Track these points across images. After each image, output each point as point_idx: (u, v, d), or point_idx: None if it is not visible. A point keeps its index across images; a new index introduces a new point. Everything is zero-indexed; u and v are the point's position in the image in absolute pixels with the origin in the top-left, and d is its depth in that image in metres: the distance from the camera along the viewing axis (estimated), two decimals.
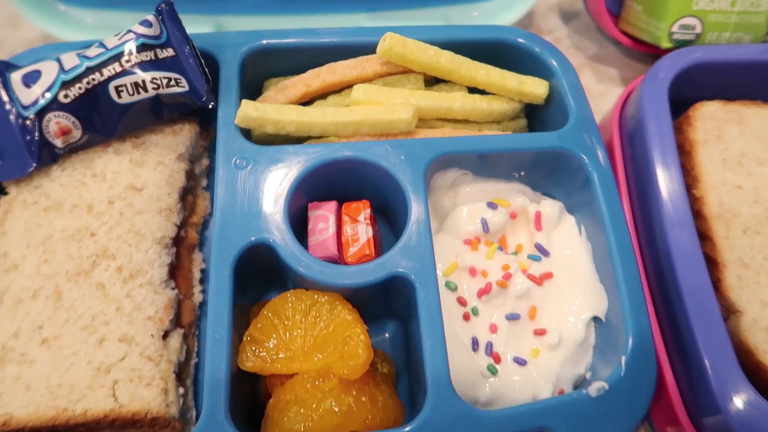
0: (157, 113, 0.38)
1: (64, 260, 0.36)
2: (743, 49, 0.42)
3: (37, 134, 0.36)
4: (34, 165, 0.37)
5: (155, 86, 0.37)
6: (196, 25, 0.49)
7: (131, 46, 0.37)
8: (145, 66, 0.37)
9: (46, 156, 0.37)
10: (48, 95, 0.36)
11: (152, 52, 0.38)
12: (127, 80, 0.37)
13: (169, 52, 0.38)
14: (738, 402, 0.32)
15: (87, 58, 0.37)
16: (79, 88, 0.36)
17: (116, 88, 0.37)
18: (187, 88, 0.38)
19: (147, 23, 0.38)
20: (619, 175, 0.42)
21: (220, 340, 0.32)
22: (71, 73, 0.36)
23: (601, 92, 0.53)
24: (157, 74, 0.37)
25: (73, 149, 0.38)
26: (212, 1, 0.50)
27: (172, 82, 0.37)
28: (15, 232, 0.36)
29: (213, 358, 0.32)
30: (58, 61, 0.37)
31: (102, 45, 0.37)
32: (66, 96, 0.36)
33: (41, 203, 0.37)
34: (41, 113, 0.36)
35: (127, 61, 0.37)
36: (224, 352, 0.32)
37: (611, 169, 0.39)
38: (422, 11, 0.52)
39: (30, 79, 0.36)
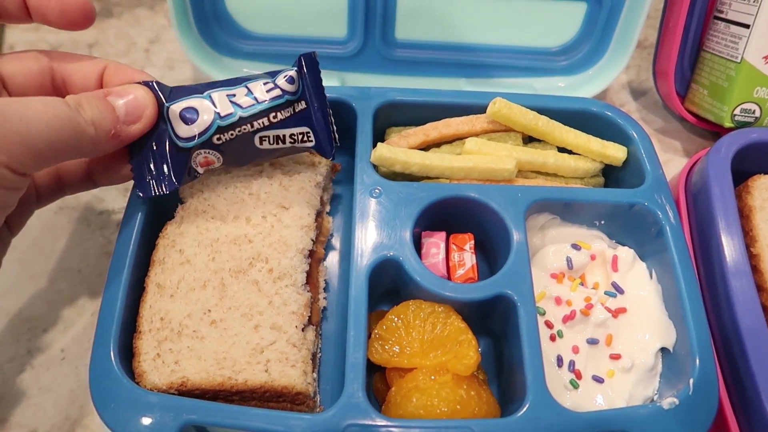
0: (286, 154, 0.45)
1: (227, 259, 0.44)
2: None
3: (186, 163, 0.42)
4: (177, 186, 0.42)
5: (292, 141, 0.44)
6: (325, 79, 0.59)
7: (278, 102, 0.42)
8: (286, 123, 0.43)
9: (187, 179, 0.43)
10: (204, 137, 0.41)
11: (291, 107, 0.44)
12: (270, 133, 0.43)
13: (302, 105, 0.44)
14: None
15: (239, 107, 0.42)
16: (231, 134, 0.42)
17: (260, 138, 0.43)
18: (314, 143, 0.44)
19: (291, 79, 0.43)
20: (684, 229, 0.49)
21: (359, 333, 0.40)
22: (226, 121, 0.42)
23: (666, 160, 0.60)
24: (295, 130, 0.44)
25: (209, 172, 0.46)
26: (338, 60, 0.60)
27: (305, 137, 0.44)
28: (189, 234, 0.45)
29: (353, 347, 0.39)
30: (210, 100, 0.42)
31: (250, 93, 0.43)
32: (219, 139, 0.42)
33: (209, 213, 0.46)
34: (194, 149, 0.42)
35: (274, 117, 0.43)
36: (362, 342, 0.39)
37: (682, 228, 0.46)
38: (514, 80, 0.61)
39: (188, 116, 0.41)
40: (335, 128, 0.45)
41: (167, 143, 0.42)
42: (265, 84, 0.43)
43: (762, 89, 0.52)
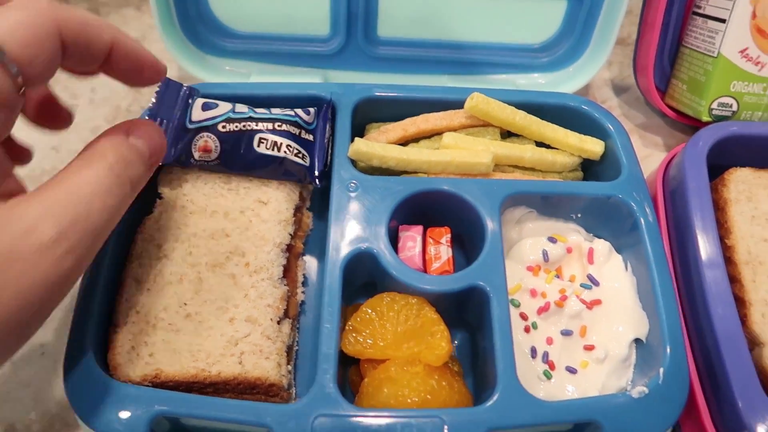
0: (275, 171, 0.47)
1: (204, 253, 0.44)
2: None
3: (186, 141, 0.46)
4: (171, 161, 0.46)
5: (287, 151, 0.46)
6: (307, 77, 0.60)
7: (287, 118, 0.47)
8: (287, 135, 0.47)
9: (181, 160, 0.46)
10: (212, 121, 0.46)
11: (299, 130, 0.48)
12: (270, 137, 0.46)
13: (310, 137, 0.48)
14: (762, 423, 0.38)
15: (254, 111, 0.47)
16: (236, 126, 0.46)
17: (260, 139, 0.46)
18: (307, 164, 0.47)
19: (307, 112, 0.49)
20: (662, 223, 0.49)
21: (331, 326, 0.40)
22: (237, 115, 0.47)
23: (647, 155, 0.60)
24: (293, 144, 0.47)
25: (201, 166, 0.47)
26: (321, 57, 0.60)
27: (299, 155, 0.47)
28: (167, 229, 0.45)
29: (326, 339, 0.39)
30: (233, 104, 0.47)
31: (268, 110, 0.48)
32: (224, 127, 0.46)
33: (188, 207, 0.46)
34: (200, 129, 0.46)
35: (279, 126, 0.47)
36: (334, 334, 0.39)
37: (656, 219, 0.46)
38: (496, 77, 0.61)
39: (207, 107, 0.46)
40: (329, 160, 0.49)
41: (177, 121, 0.46)
42: (284, 109, 0.48)
43: (738, 83, 0.52)
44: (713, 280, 0.43)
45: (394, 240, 0.47)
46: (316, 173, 0.47)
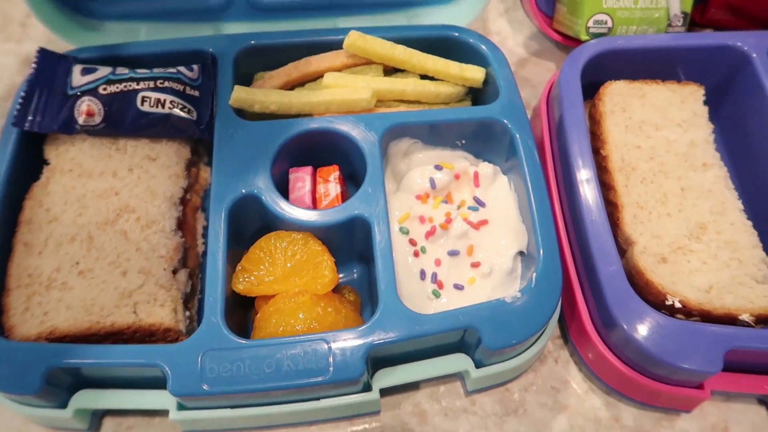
0: (164, 129, 0.47)
1: (94, 213, 0.45)
2: (642, 39, 0.52)
3: (68, 107, 0.46)
4: (55, 129, 0.46)
5: (171, 107, 0.47)
6: (198, 30, 0.59)
7: (169, 75, 0.48)
8: (171, 91, 0.47)
9: (66, 127, 0.46)
10: (92, 85, 0.46)
11: (183, 86, 0.48)
12: (152, 95, 0.47)
13: (196, 93, 0.49)
14: (629, 312, 0.41)
15: (135, 72, 0.48)
16: (116, 87, 0.46)
17: (143, 97, 0.46)
18: (194, 118, 0.48)
19: (191, 68, 0.50)
20: (546, 142, 0.51)
21: (215, 267, 0.41)
22: (117, 77, 0.47)
23: (542, 81, 0.62)
24: (177, 100, 0.47)
25: (87, 131, 0.47)
26: (209, 12, 0.59)
27: (185, 110, 0.47)
28: (56, 193, 0.46)
29: (210, 281, 0.41)
30: (113, 68, 0.48)
31: (150, 70, 0.48)
32: (104, 89, 0.46)
33: (76, 171, 0.47)
34: (80, 94, 0.46)
35: (161, 83, 0.47)
36: (219, 275, 0.41)
37: (531, 136, 0.47)
38: (388, 16, 0.61)
39: (86, 72, 0.47)
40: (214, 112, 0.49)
41: (58, 88, 0.46)
42: (166, 68, 0.49)
43: None
44: (585, 189, 0.45)
45: (286, 184, 0.48)
46: (203, 125, 0.48)
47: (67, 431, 0.43)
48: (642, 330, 0.40)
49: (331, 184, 0.47)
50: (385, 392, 0.42)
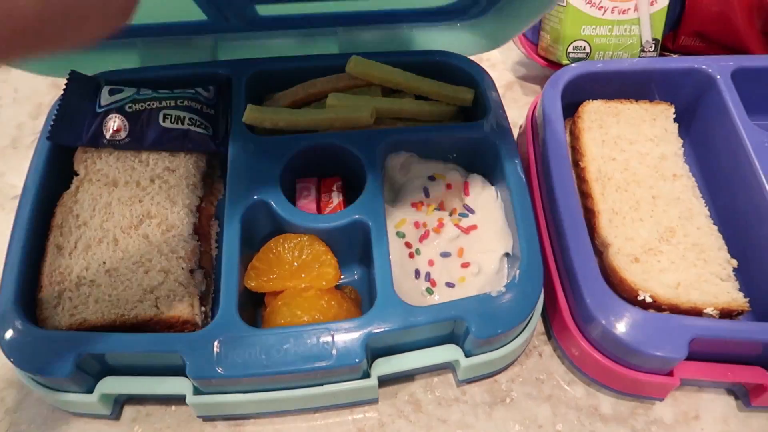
0: (183, 143, 0.52)
1: (119, 218, 0.49)
2: (617, 63, 0.57)
3: (97, 124, 0.51)
4: (84, 143, 0.51)
5: (189, 123, 0.52)
6: (196, 44, 0.61)
7: (188, 95, 0.53)
8: (189, 110, 0.52)
9: (94, 141, 0.51)
10: (119, 103, 0.51)
11: (200, 105, 0.53)
12: (173, 113, 0.52)
13: (211, 111, 0.54)
14: (606, 307, 0.45)
15: (157, 92, 0.53)
16: (141, 106, 0.52)
17: (164, 115, 0.52)
18: (210, 133, 0.53)
19: (207, 89, 0.55)
20: (531, 156, 0.56)
21: (231, 263, 0.46)
22: (141, 96, 0.52)
23: (528, 101, 0.67)
24: (195, 117, 0.52)
25: (114, 145, 0.52)
26: (206, 26, 0.63)
27: (202, 126, 0.53)
28: (84, 200, 0.50)
29: (226, 276, 0.45)
30: (138, 89, 0.53)
31: (171, 90, 0.54)
32: (130, 107, 0.51)
33: (102, 180, 0.51)
34: (108, 112, 0.51)
35: (181, 102, 0.53)
36: (234, 271, 0.45)
37: (516, 150, 0.52)
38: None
39: (113, 92, 0.52)
40: (229, 128, 0.54)
41: (88, 106, 0.52)
42: (185, 89, 0.54)
43: (588, 27, 0.59)
44: (565, 197, 0.50)
45: (294, 193, 0.53)
46: (217, 141, 0.53)
47: (90, 418, 0.47)
48: (617, 323, 0.44)
49: (334, 193, 0.52)
50: (382, 383, 0.46)
